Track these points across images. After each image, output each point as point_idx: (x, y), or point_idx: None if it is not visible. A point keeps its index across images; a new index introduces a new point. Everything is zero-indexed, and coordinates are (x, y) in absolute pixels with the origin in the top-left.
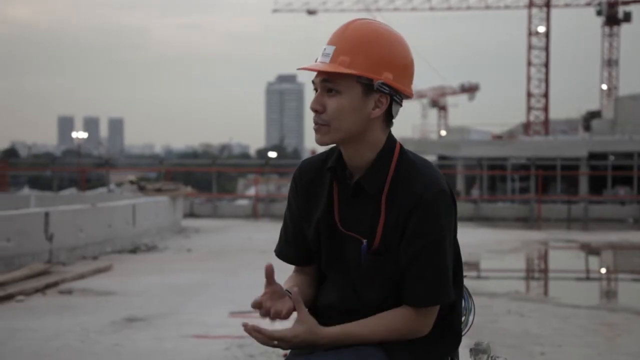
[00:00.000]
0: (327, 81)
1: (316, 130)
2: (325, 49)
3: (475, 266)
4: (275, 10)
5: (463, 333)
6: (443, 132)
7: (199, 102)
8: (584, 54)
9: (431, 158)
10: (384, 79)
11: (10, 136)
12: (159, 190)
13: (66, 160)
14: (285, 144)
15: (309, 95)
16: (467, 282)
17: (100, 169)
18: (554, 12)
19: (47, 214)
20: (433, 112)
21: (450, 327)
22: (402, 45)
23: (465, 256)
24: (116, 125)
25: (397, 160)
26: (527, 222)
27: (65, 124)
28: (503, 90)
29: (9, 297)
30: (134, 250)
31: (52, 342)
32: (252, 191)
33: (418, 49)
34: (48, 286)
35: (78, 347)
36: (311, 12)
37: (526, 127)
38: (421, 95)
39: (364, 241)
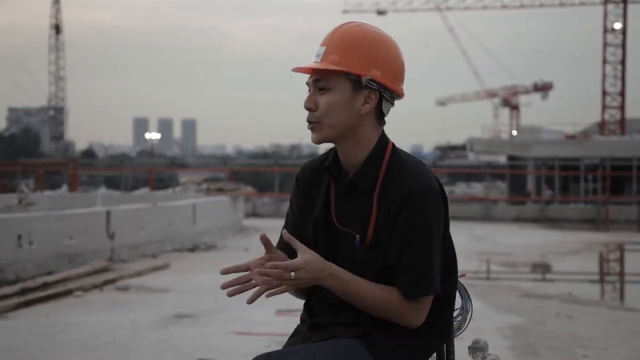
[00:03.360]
0: (318, 80)
1: (311, 130)
2: (317, 50)
3: (536, 268)
4: (345, 11)
5: (460, 332)
6: (514, 132)
7: (269, 103)
8: None
9: (500, 158)
10: (372, 76)
11: (88, 137)
12: (220, 190)
13: (141, 161)
14: None
15: None
16: (522, 284)
17: (168, 169)
18: (631, 8)
19: (108, 213)
20: (505, 112)
21: (439, 324)
22: (391, 46)
23: (524, 257)
24: (189, 126)
25: (389, 158)
26: (594, 223)
27: (140, 125)
28: (577, 88)
29: (67, 293)
30: (193, 249)
31: (101, 337)
32: None
33: (489, 47)
34: (106, 283)
35: (125, 342)
36: (381, 13)
37: (601, 126)
38: (492, 95)
39: (357, 236)
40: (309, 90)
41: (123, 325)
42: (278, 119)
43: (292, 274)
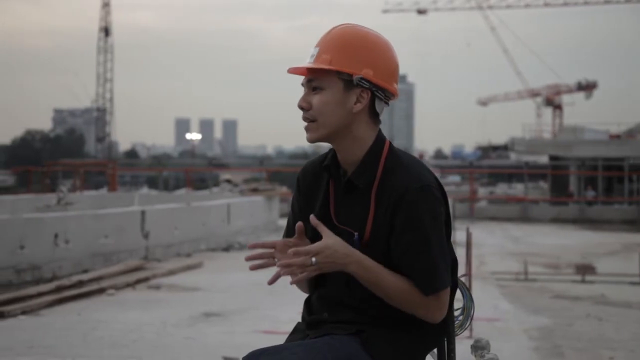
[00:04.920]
0: (311, 80)
1: (306, 129)
2: (311, 51)
3: (571, 269)
4: (385, 11)
5: (462, 331)
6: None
7: None
8: None
9: (543, 159)
10: (364, 75)
11: (132, 138)
12: (254, 190)
13: (181, 161)
14: (395, 145)
15: (419, 95)
16: (554, 285)
17: (205, 170)
18: None
19: (143, 213)
20: (548, 111)
21: (436, 323)
22: (384, 46)
23: (559, 258)
24: (230, 127)
25: (385, 157)
26: (635, 224)
27: (182, 126)
28: (623, 88)
29: (100, 291)
30: (227, 249)
31: (130, 334)
32: None
33: (532, 46)
34: (139, 281)
35: (153, 340)
36: (421, 12)
37: None
38: (535, 94)
39: (356, 234)
40: (304, 91)
41: (152, 323)
42: None
43: (313, 259)
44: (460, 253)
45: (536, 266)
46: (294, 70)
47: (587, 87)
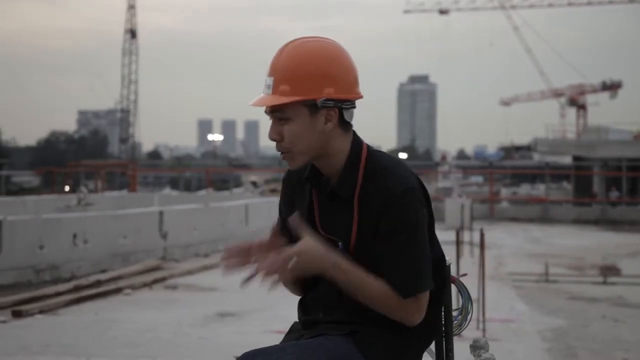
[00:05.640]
0: (275, 111)
1: (284, 158)
2: (266, 80)
3: (592, 270)
4: (406, 11)
5: (460, 331)
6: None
7: None
8: None
9: (565, 159)
10: (326, 95)
11: (155, 139)
12: (273, 191)
13: (204, 162)
14: (417, 145)
15: (442, 95)
16: (571, 287)
17: (225, 170)
18: None
19: (161, 213)
20: (572, 111)
21: (427, 324)
22: (339, 57)
23: (578, 259)
24: (252, 128)
25: (365, 163)
26: None
27: (205, 127)
28: None
29: (117, 291)
30: None
31: (146, 334)
32: None
33: (556, 46)
34: (156, 281)
35: (168, 339)
36: (443, 12)
37: None
38: (559, 94)
39: (340, 243)
40: (271, 120)
41: (168, 322)
42: None
43: (291, 262)
44: (476, 254)
45: (556, 267)
46: (256, 105)
47: (611, 87)
